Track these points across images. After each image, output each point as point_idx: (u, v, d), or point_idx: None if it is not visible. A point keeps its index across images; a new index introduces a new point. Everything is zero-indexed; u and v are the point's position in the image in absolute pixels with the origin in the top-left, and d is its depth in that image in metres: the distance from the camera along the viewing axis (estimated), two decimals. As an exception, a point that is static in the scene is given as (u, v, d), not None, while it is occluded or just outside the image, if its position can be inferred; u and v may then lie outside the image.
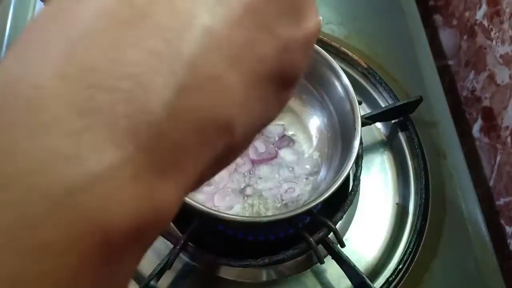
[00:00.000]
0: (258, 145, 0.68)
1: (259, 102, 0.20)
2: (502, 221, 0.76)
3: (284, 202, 0.64)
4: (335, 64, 0.65)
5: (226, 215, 0.55)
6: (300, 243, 0.60)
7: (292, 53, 0.21)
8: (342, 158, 0.62)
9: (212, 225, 0.59)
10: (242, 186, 0.65)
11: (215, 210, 0.55)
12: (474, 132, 0.86)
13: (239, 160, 0.67)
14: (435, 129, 0.77)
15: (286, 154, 0.68)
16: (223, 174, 0.65)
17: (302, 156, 0.69)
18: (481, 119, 0.84)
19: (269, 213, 0.63)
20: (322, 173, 0.67)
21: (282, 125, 0.72)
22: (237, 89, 0.19)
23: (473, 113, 0.86)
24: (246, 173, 0.66)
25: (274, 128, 0.70)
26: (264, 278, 0.65)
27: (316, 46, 0.66)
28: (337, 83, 0.65)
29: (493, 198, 0.78)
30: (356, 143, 0.59)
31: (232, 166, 0.66)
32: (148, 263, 0.64)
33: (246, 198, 0.64)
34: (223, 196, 0.63)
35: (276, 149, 0.68)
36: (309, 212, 0.54)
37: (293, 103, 0.73)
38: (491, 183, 0.79)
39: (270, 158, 0.67)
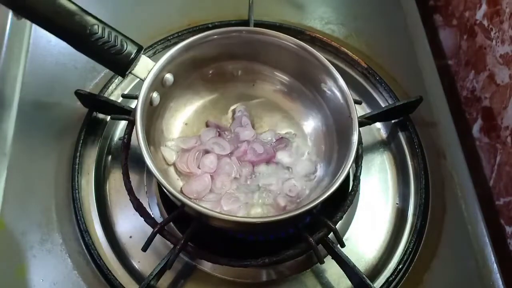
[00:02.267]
0: (257, 147, 0.67)
1: None
2: (502, 221, 0.76)
3: (288, 200, 0.64)
4: (325, 60, 0.65)
5: (226, 216, 0.55)
6: (300, 243, 0.60)
7: None
8: (340, 153, 0.63)
9: (212, 226, 0.59)
10: (246, 189, 0.65)
11: (214, 211, 0.55)
12: (474, 132, 0.86)
13: (238, 164, 0.67)
14: (435, 129, 0.77)
15: (283, 157, 0.68)
16: (224, 180, 0.65)
17: (299, 158, 0.69)
18: (481, 119, 0.84)
19: (275, 212, 0.63)
20: (321, 171, 0.67)
21: (272, 127, 0.72)
22: None
23: (473, 113, 0.86)
24: (247, 176, 0.66)
25: (269, 133, 0.71)
26: (264, 278, 0.65)
27: (301, 42, 0.66)
28: (327, 79, 0.65)
29: (493, 198, 0.78)
30: (355, 136, 0.59)
31: (232, 171, 0.66)
32: (148, 263, 0.64)
33: (251, 199, 0.64)
34: (229, 200, 0.63)
35: (274, 149, 0.68)
36: (309, 212, 0.54)
37: (284, 104, 0.73)
38: (491, 183, 0.79)
39: (269, 158, 0.67)
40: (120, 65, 0.60)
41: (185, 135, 0.70)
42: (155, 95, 0.63)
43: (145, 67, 0.61)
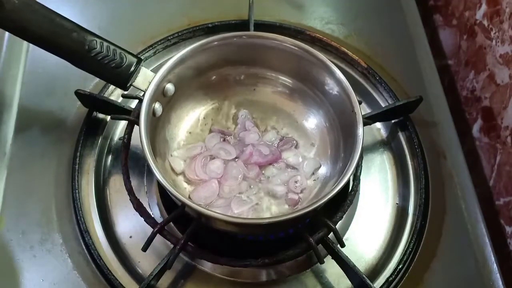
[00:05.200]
0: (262, 148, 0.67)
1: None
2: (502, 221, 0.76)
3: (297, 198, 0.64)
4: (324, 57, 0.65)
5: (226, 217, 0.55)
6: (300, 243, 0.60)
7: None
8: (346, 150, 0.62)
9: (212, 226, 0.59)
10: (255, 191, 0.65)
11: (214, 211, 0.55)
12: (474, 132, 0.86)
13: (244, 168, 0.66)
14: (435, 129, 0.77)
15: (289, 156, 0.68)
16: (232, 184, 0.65)
17: (305, 156, 0.69)
18: (481, 119, 0.84)
19: (286, 211, 0.63)
20: (329, 169, 0.67)
21: (276, 129, 0.72)
22: None
23: (473, 113, 0.86)
24: (255, 178, 0.66)
25: (273, 135, 0.71)
26: (264, 278, 0.65)
27: (298, 42, 0.66)
28: (327, 75, 0.65)
29: (493, 198, 0.78)
30: (360, 130, 0.59)
31: (239, 175, 0.66)
32: (148, 263, 0.64)
33: (260, 200, 0.64)
34: (239, 203, 0.63)
35: (279, 150, 0.68)
36: (311, 213, 0.54)
37: (285, 105, 0.73)
38: (491, 183, 0.79)
39: (274, 158, 0.67)
40: (121, 78, 0.60)
41: (190, 144, 0.70)
42: (157, 105, 0.62)
43: (146, 79, 0.61)
